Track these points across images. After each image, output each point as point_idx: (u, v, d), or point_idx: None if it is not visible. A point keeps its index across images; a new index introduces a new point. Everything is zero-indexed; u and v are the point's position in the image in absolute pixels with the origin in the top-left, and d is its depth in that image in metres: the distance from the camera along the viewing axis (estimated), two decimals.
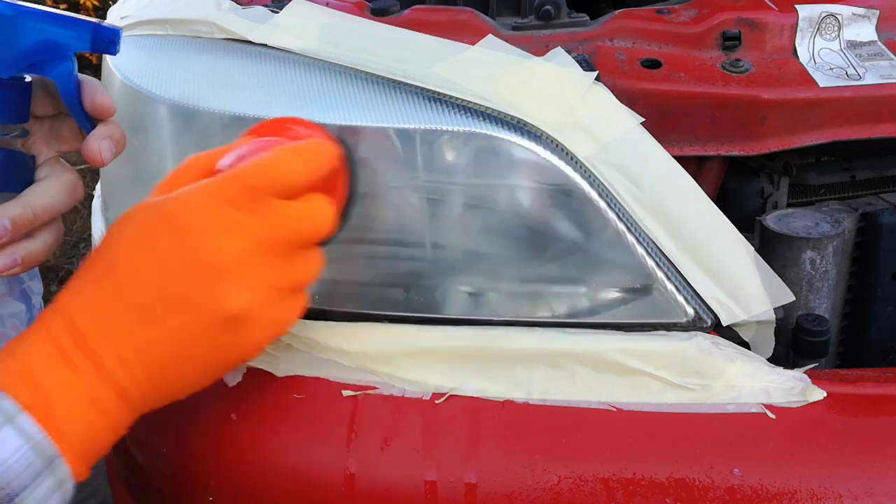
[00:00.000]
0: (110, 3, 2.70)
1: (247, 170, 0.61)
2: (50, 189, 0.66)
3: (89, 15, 2.15)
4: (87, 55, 3.06)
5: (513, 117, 0.72)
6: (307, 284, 0.64)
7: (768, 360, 0.73)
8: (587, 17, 0.87)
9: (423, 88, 0.73)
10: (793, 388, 0.70)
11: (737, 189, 0.88)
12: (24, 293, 0.87)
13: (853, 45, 0.84)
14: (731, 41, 0.82)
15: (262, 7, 0.83)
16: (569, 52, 0.77)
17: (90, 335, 0.58)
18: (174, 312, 0.59)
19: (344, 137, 0.70)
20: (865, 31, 0.85)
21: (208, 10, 0.83)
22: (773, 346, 0.75)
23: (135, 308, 0.58)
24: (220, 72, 0.79)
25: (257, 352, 0.63)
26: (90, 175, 2.70)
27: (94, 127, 0.67)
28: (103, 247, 0.61)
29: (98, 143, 0.66)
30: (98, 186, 1.04)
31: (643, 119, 0.73)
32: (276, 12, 0.81)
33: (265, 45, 0.79)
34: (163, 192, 0.63)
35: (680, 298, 0.72)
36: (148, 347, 0.58)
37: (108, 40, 0.65)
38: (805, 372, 0.72)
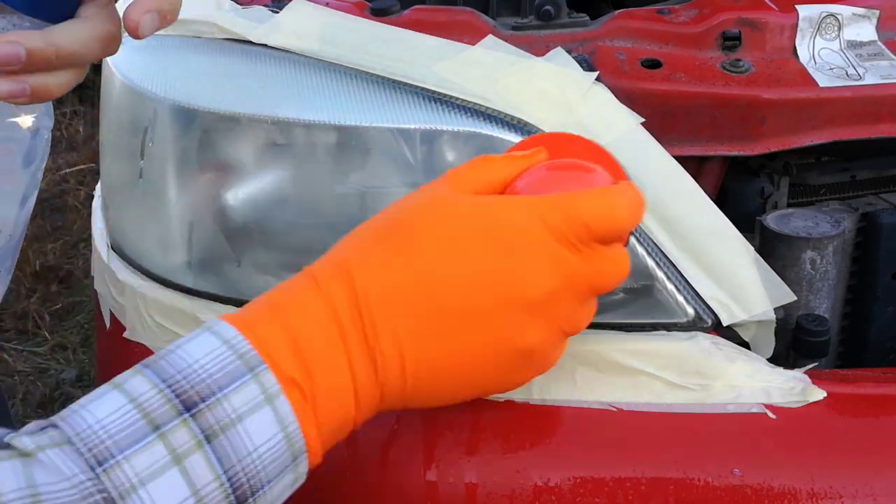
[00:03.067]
0: None
1: (583, 204, 0.57)
2: (82, 34, 0.58)
3: None
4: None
5: (513, 117, 0.72)
6: (578, 332, 0.61)
7: (768, 360, 0.73)
8: (587, 17, 0.87)
9: (423, 88, 0.73)
10: (793, 388, 0.70)
11: (737, 189, 0.88)
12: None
13: (853, 45, 0.84)
14: (731, 41, 0.82)
15: (262, 7, 0.83)
16: (569, 52, 0.77)
17: (376, 318, 0.54)
18: (471, 330, 0.55)
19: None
20: (865, 31, 0.85)
21: (208, 10, 0.83)
22: (773, 346, 0.75)
23: (432, 308, 0.55)
24: (220, 72, 0.79)
25: (515, 388, 0.60)
26: (90, 175, 2.71)
27: None
28: (405, 225, 0.57)
29: (141, 13, 0.58)
30: (98, 186, 1.04)
31: (643, 119, 0.73)
32: (276, 12, 0.81)
33: (265, 45, 0.79)
34: (460, 185, 0.59)
35: (680, 298, 0.72)
36: (432, 355, 0.55)
37: None
38: (805, 372, 0.72)
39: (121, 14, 0.59)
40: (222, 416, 0.49)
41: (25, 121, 0.70)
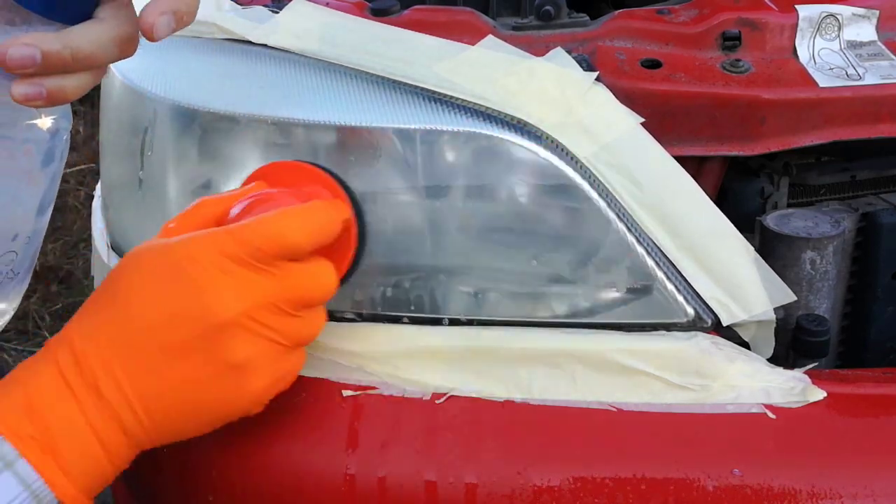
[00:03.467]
0: None
1: (253, 229, 0.61)
2: (99, 35, 0.58)
3: None
4: None
5: (513, 117, 0.72)
6: (309, 342, 0.65)
7: (768, 360, 0.73)
8: (587, 18, 0.87)
9: (423, 88, 0.73)
10: (793, 388, 0.70)
11: (737, 189, 0.88)
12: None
13: (853, 45, 0.84)
14: (731, 41, 0.82)
15: (262, 7, 0.83)
16: (569, 52, 0.77)
17: (95, 369, 0.58)
18: (178, 359, 0.60)
19: (351, 186, 0.70)
20: (865, 31, 0.85)
21: (208, 10, 0.83)
22: (773, 346, 0.75)
23: (137, 349, 0.59)
24: (220, 72, 0.79)
25: (259, 406, 0.64)
26: (90, 175, 2.70)
27: None
28: (111, 284, 0.62)
29: (156, 15, 0.57)
30: (98, 186, 1.04)
31: (643, 119, 0.73)
32: (276, 12, 0.81)
33: (265, 45, 0.79)
34: (171, 234, 0.64)
35: (680, 298, 0.72)
36: (151, 390, 0.59)
37: None
38: (805, 372, 0.72)
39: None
40: None
41: (45, 122, 0.70)
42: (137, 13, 0.58)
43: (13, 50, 0.54)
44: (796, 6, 0.83)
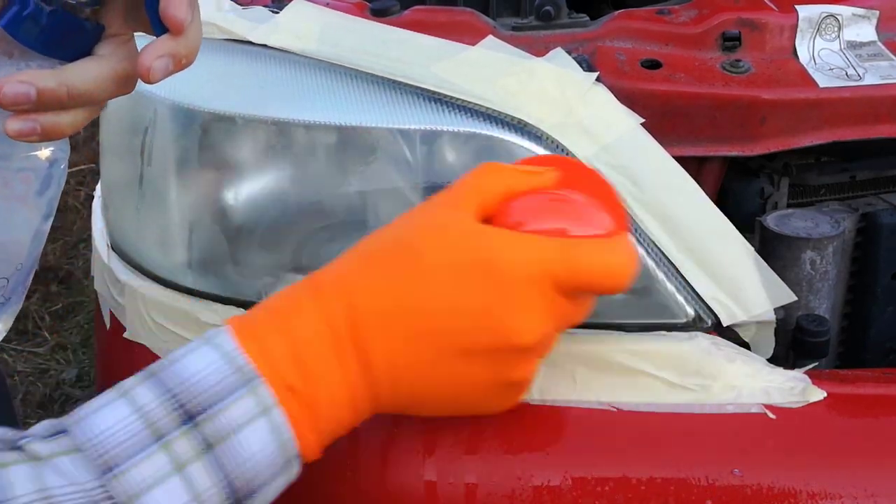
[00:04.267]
0: None
1: (588, 259, 0.58)
2: (97, 73, 0.57)
3: None
4: None
5: (513, 118, 0.72)
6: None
7: (768, 360, 0.73)
8: (587, 18, 0.87)
9: (423, 89, 0.73)
10: (793, 388, 0.70)
11: (737, 189, 0.88)
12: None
13: (853, 45, 0.84)
14: (731, 41, 0.82)
15: (262, 7, 0.83)
16: (569, 52, 0.77)
17: (372, 338, 0.56)
18: (461, 359, 0.58)
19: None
20: (865, 31, 0.85)
21: (208, 10, 0.83)
22: (773, 347, 0.75)
23: (425, 338, 0.57)
24: (220, 72, 0.79)
25: (499, 411, 0.63)
26: (90, 175, 2.70)
27: (163, 32, 0.57)
28: (405, 251, 0.58)
29: (153, 58, 0.56)
30: (98, 186, 1.04)
31: (643, 119, 0.73)
32: (276, 12, 0.81)
33: (265, 45, 0.79)
34: (475, 207, 0.60)
35: (680, 298, 0.72)
36: (422, 378, 0.58)
37: None
38: (805, 372, 0.72)
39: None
40: (221, 427, 0.52)
41: (44, 153, 0.71)
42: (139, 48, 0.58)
43: (8, 87, 0.53)
44: (796, 6, 0.83)
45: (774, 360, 0.74)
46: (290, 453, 0.54)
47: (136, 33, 0.60)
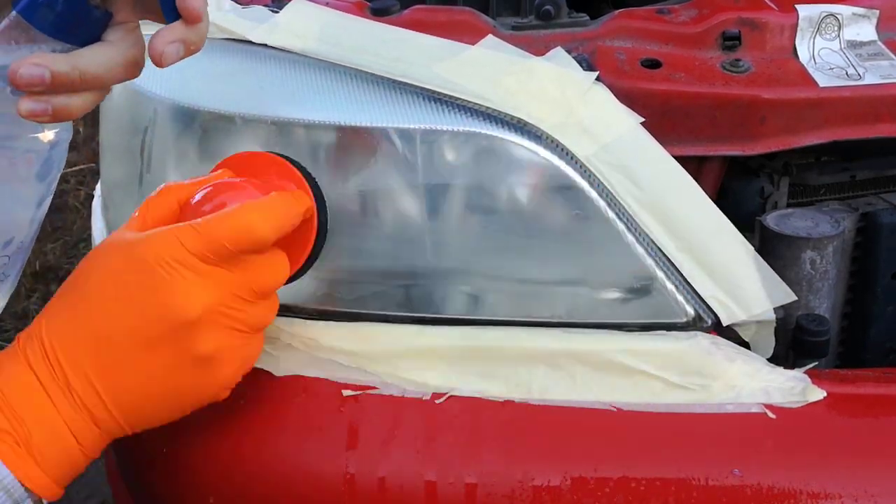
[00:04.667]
0: None
1: (218, 225, 0.62)
2: (107, 58, 0.61)
3: None
4: None
5: (513, 117, 0.72)
6: (266, 326, 0.67)
7: (768, 360, 0.73)
8: (587, 17, 0.87)
9: (423, 88, 0.73)
10: (793, 388, 0.70)
11: (737, 189, 0.88)
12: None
13: (853, 44, 0.84)
14: (731, 41, 0.82)
15: (262, 7, 0.83)
16: (569, 52, 0.77)
17: (65, 365, 0.60)
18: (146, 354, 0.61)
19: (312, 175, 0.71)
20: (865, 30, 0.85)
21: (208, 9, 0.82)
22: (773, 346, 0.75)
23: (106, 346, 0.61)
24: (220, 72, 0.79)
25: (227, 391, 0.66)
26: (90, 175, 2.70)
27: (175, 20, 0.60)
28: (78, 280, 0.63)
29: (166, 43, 0.59)
30: (98, 186, 1.04)
31: (643, 119, 0.73)
32: (276, 12, 0.81)
33: (265, 45, 0.79)
34: (137, 223, 0.65)
35: (680, 298, 0.72)
36: (120, 384, 0.61)
37: None
38: (805, 372, 0.72)
39: (146, 39, 0.61)
40: None
41: (47, 135, 0.72)
42: (145, 35, 0.61)
43: (24, 69, 0.56)
44: (796, 6, 0.83)
45: (774, 359, 0.74)
46: (16, 495, 0.56)
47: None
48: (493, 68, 0.74)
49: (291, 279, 0.69)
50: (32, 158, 0.73)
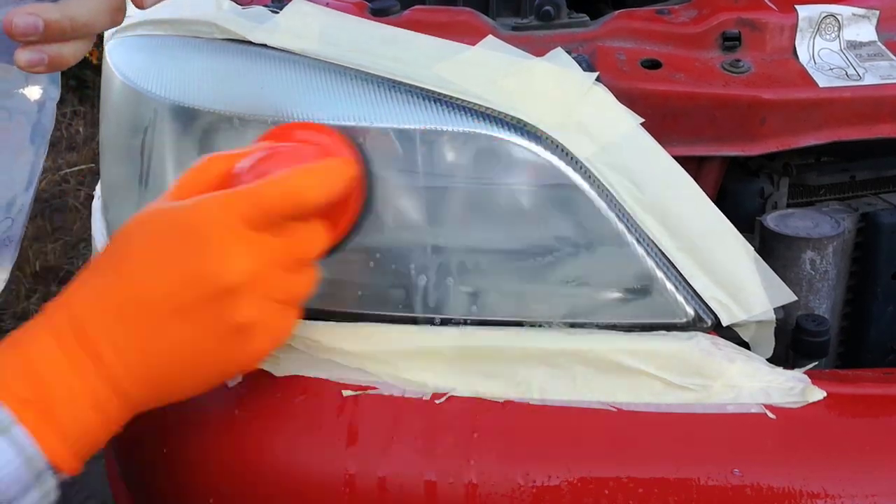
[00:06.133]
0: None
1: (266, 190, 0.61)
2: (94, 5, 0.64)
3: None
4: (88, 55, 3.06)
5: (513, 118, 0.72)
6: (303, 298, 0.66)
7: (768, 360, 0.73)
8: (587, 18, 0.87)
9: (423, 88, 0.73)
10: (793, 388, 0.70)
11: (737, 189, 0.88)
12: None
13: (853, 45, 0.84)
14: (731, 41, 0.82)
15: (262, 7, 0.83)
16: (569, 52, 0.77)
17: (95, 335, 0.58)
18: (181, 321, 0.60)
19: (362, 144, 0.71)
20: (865, 31, 0.85)
21: (208, 10, 0.83)
22: (773, 346, 0.75)
23: (142, 312, 0.59)
24: (220, 72, 0.79)
25: (256, 363, 0.64)
26: (90, 175, 2.71)
27: None
28: (114, 246, 0.62)
29: None
30: (98, 186, 1.04)
31: (643, 119, 0.73)
32: (276, 12, 0.81)
33: (265, 45, 0.79)
34: (178, 194, 0.63)
35: (680, 298, 0.72)
36: (152, 351, 0.59)
37: None
38: (805, 372, 0.72)
39: None
40: None
41: (34, 92, 0.74)
42: None
43: (18, 19, 0.59)
44: (796, 6, 0.83)
45: (774, 360, 0.74)
46: (38, 467, 0.55)
47: None
48: (493, 69, 0.74)
49: (333, 250, 0.68)
50: (23, 120, 0.76)
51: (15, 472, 0.54)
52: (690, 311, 0.73)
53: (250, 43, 0.79)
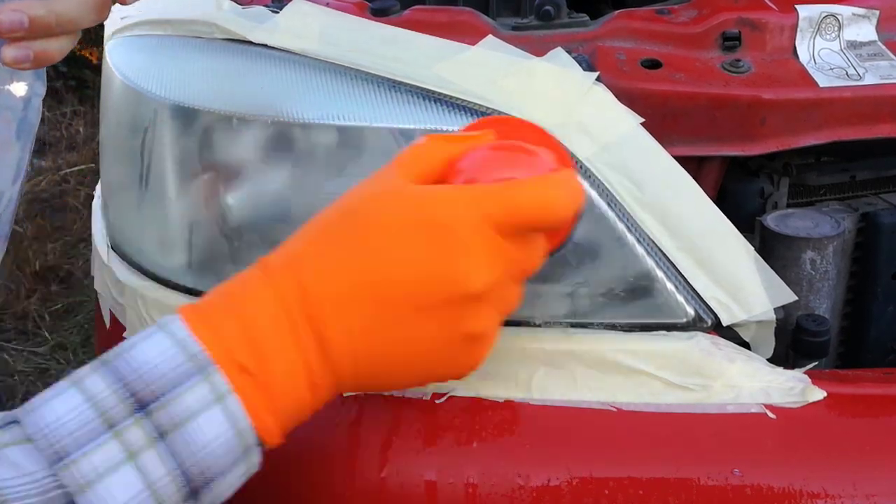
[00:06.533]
0: None
1: (520, 197, 0.58)
2: (78, 1, 0.64)
3: None
4: (87, 55, 3.06)
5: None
6: (515, 309, 0.62)
7: (768, 360, 0.73)
8: (587, 18, 0.87)
9: (423, 88, 0.73)
10: (793, 388, 0.70)
11: (737, 189, 0.88)
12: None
13: (853, 45, 0.84)
14: (731, 41, 0.82)
15: (262, 7, 0.83)
16: (569, 52, 0.77)
17: (324, 312, 0.55)
18: (420, 319, 0.57)
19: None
20: (865, 31, 0.85)
21: (208, 10, 0.83)
22: (773, 346, 0.75)
23: (381, 302, 0.56)
24: (220, 72, 0.79)
25: (469, 373, 0.61)
26: (90, 175, 2.70)
27: None
28: (354, 224, 0.58)
29: None
30: (98, 186, 1.04)
31: (643, 119, 0.73)
32: (276, 12, 0.81)
33: (265, 45, 0.79)
34: (404, 173, 0.60)
35: (680, 298, 0.72)
36: (381, 342, 0.57)
37: None
38: (805, 372, 0.72)
39: None
40: (174, 415, 0.51)
41: (19, 88, 0.74)
42: None
43: (3, 15, 0.59)
44: (796, 6, 0.83)
45: (774, 360, 0.74)
46: (248, 441, 0.53)
47: None
48: (493, 69, 0.74)
49: None
50: (9, 116, 0.76)
51: (226, 444, 0.52)
52: (690, 311, 0.73)
53: (250, 43, 0.79)
